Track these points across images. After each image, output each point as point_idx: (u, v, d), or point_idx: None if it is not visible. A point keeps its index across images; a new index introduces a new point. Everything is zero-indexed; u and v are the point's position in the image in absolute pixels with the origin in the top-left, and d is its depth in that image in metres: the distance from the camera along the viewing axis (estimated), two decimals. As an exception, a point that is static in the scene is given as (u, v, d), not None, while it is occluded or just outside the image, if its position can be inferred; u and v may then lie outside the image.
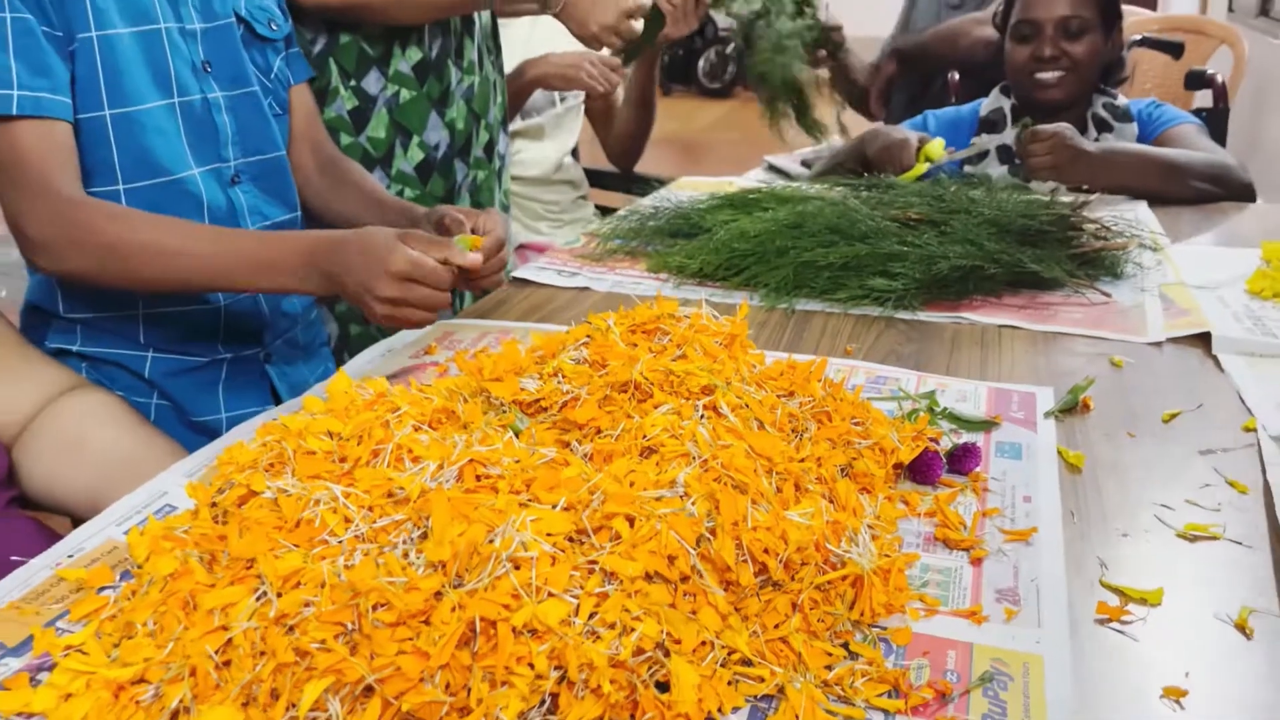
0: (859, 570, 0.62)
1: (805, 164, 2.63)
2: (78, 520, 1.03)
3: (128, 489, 0.84)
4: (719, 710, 0.54)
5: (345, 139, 1.28)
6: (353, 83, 1.27)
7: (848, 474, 0.74)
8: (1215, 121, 1.99)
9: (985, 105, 1.85)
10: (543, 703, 0.51)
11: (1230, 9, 4.71)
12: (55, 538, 0.92)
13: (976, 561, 0.69)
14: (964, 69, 2.17)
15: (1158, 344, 1.06)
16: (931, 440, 0.81)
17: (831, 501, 0.69)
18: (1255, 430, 0.87)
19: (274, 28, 1.11)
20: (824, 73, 2.27)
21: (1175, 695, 0.56)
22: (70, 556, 0.69)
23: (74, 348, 1.06)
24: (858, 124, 2.32)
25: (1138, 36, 2.37)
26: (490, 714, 0.50)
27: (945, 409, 0.88)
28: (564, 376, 0.77)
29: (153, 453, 0.95)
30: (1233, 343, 1.04)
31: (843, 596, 0.62)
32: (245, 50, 1.07)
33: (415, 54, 1.30)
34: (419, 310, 0.88)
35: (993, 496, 0.77)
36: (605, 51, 2.09)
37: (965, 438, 0.84)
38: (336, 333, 1.33)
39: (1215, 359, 1.02)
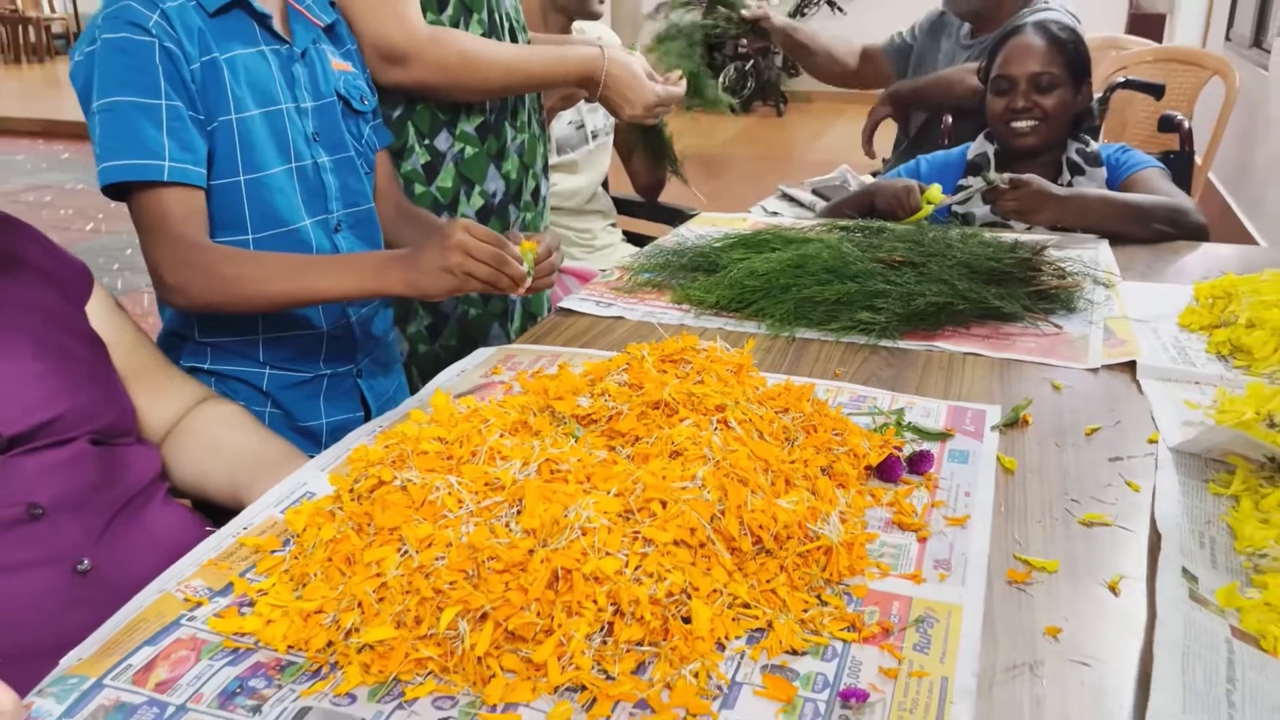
0: (830, 543, 0.84)
1: (816, 192, 2.86)
2: (199, 504, 1.26)
3: (260, 481, 1.08)
4: (725, 638, 0.77)
5: (419, 188, 1.52)
6: (426, 141, 1.51)
7: (827, 473, 0.97)
8: (1181, 164, 2.20)
9: (972, 149, 2.07)
10: (603, 628, 0.74)
11: (1227, 38, 4.91)
12: (201, 519, 1.16)
13: (922, 540, 0.91)
14: (957, 113, 2.39)
15: (1095, 370, 1.28)
16: (896, 448, 1.03)
17: (813, 493, 0.91)
18: (1158, 442, 1.09)
19: (364, 102, 1.35)
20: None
21: (1052, 632, 0.79)
22: (245, 528, 0.92)
23: (205, 366, 1.30)
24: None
25: (1121, 79, 2.58)
26: (567, 634, 0.73)
27: (910, 423, 1.11)
28: (610, 396, 1.00)
29: (276, 452, 1.18)
30: (1154, 370, 1.26)
31: (818, 561, 0.84)
32: (344, 122, 1.31)
33: (477, 118, 1.53)
34: (480, 270, 1.07)
35: (941, 492, 0.99)
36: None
37: (923, 446, 1.06)
38: (407, 350, 1.56)
39: (1140, 383, 1.24)
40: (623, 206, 2.62)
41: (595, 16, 2.20)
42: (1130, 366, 1.28)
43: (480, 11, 1.50)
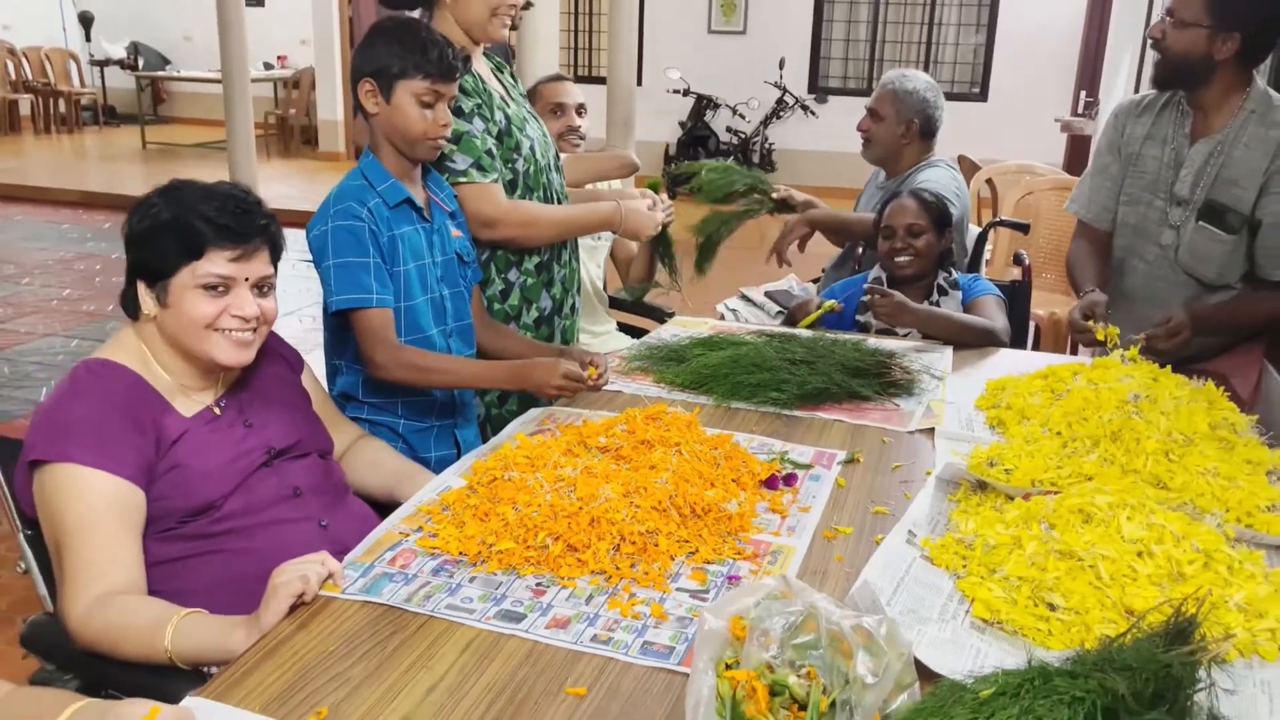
0: (731, 514, 1.63)
1: (768, 294, 3.69)
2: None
3: (406, 485, 1.86)
4: (674, 555, 1.55)
5: (496, 305, 2.33)
6: (502, 275, 2.33)
7: (736, 482, 1.76)
8: (1021, 291, 3.03)
9: (871, 273, 2.89)
10: (615, 545, 1.52)
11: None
12: (371, 507, 1.93)
13: (783, 517, 1.70)
14: (866, 243, 3.22)
15: (911, 432, 2.08)
16: (777, 471, 1.83)
17: (726, 491, 1.70)
18: (931, 474, 1.88)
19: (468, 256, 2.16)
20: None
21: (839, 559, 1.57)
22: (420, 501, 1.71)
23: (363, 416, 2.09)
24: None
25: (996, 219, 3.43)
26: (597, 548, 1.51)
27: (789, 458, 1.90)
28: (616, 437, 1.80)
29: (413, 469, 1.96)
30: (946, 433, 2.06)
31: (724, 523, 1.63)
32: (457, 269, 2.12)
33: (536, 259, 2.35)
34: (567, 390, 1.90)
35: (800, 495, 1.78)
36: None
37: (794, 471, 1.85)
38: (483, 412, 2.36)
39: (935, 441, 2.04)
40: (614, 302, 3.45)
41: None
42: (933, 430, 2.08)
43: (538, 190, 2.33)
